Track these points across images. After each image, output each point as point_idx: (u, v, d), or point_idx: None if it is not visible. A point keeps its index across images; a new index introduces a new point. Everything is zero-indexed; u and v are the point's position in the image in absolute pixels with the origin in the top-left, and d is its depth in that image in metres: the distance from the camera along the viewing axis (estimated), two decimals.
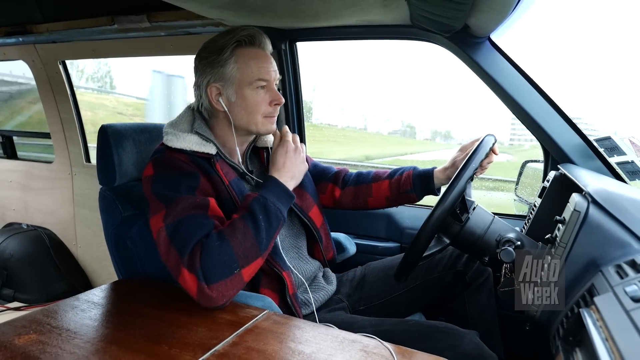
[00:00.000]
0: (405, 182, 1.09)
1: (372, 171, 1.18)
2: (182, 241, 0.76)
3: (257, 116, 0.93)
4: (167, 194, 0.83)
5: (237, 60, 0.91)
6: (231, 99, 0.92)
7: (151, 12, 1.47)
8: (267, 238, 0.82)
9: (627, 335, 0.47)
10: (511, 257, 0.80)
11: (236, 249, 0.77)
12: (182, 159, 0.88)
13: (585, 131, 1.14)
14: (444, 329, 0.83)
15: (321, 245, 1.08)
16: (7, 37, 1.85)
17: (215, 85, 0.92)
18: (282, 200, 0.87)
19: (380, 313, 1.07)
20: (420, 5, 0.96)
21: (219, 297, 0.75)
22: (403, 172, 1.11)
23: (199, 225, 0.78)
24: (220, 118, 0.96)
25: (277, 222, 0.85)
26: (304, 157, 0.97)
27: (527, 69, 1.16)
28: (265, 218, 0.82)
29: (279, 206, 0.85)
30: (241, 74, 0.91)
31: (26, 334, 0.69)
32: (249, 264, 0.79)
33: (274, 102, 0.94)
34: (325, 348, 0.66)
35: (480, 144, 0.92)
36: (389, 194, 1.12)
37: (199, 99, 0.96)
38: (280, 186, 0.89)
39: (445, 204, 0.84)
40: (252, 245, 0.79)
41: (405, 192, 1.09)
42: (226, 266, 0.76)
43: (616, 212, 0.71)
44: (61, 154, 2.13)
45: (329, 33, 1.39)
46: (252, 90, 0.92)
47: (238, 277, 0.78)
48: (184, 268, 0.75)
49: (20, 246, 2.09)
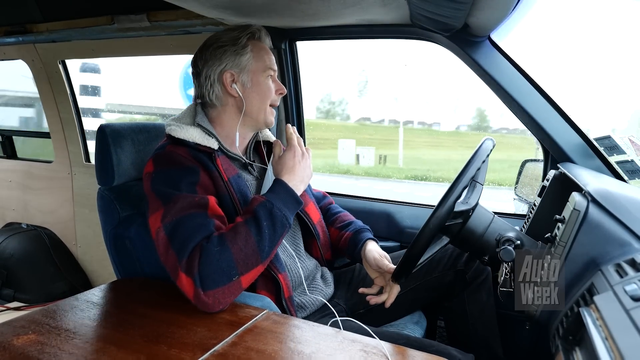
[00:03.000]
0: (344, 241, 1.11)
1: (338, 214, 1.20)
2: (180, 243, 0.76)
3: (267, 102, 0.99)
4: (165, 191, 0.82)
5: (252, 50, 0.97)
6: (247, 85, 0.97)
7: (151, 12, 1.47)
8: (270, 245, 0.80)
9: (627, 334, 0.47)
10: (511, 256, 0.80)
11: (236, 255, 0.76)
12: (183, 154, 0.88)
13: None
14: (436, 352, 0.76)
15: (319, 242, 1.08)
16: (7, 36, 1.85)
17: (231, 72, 0.96)
18: (289, 206, 0.85)
19: (381, 315, 1.06)
20: (420, 4, 0.96)
21: (215, 304, 0.74)
22: (348, 230, 1.12)
23: (198, 226, 0.78)
24: (229, 105, 0.98)
25: (282, 229, 0.83)
26: (310, 162, 0.97)
27: (527, 68, 1.16)
28: (269, 224, 0.80)
29: (285, 212, 0.83)
30: (256, 62, 0.97)
31: (25, 334, 0.69)
32: (249, 271, 0.78)
33: (279, 92, 1.01)
34: (325, 348, 0.66)
35: (479, 148, 0.91)
36: (334, 241, 1.15)
37: (208, 88, 0.97)
38: (289, 191, 0.87)
39: (444, 206, 0.84)
40: (254, 252, 0.78)
41: (342, 250, 1.12)
42: (224, 273, 0.75)
43: (616, 211, 0.71)
44: (61, 153, 2.13)
45: (329, 32, 1.39)
46: (265, 78, 0.98)
47: (236, 284, 0.76)
48: (181, 272, 0.74)
49: (20, 246, 2.08)
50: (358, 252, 1.06)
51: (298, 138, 0.96)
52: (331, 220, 1.19)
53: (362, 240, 1.08)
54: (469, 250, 0.99)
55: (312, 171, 0.97)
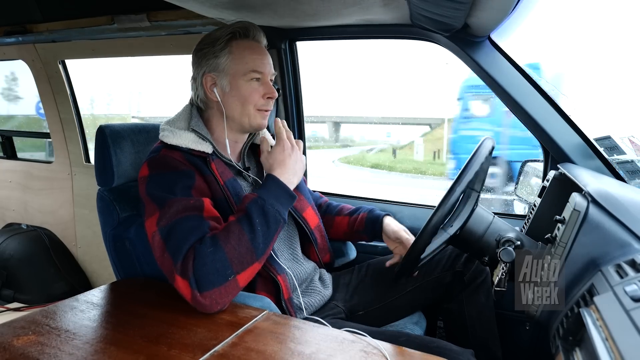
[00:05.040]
0: (360, 223, 1.14)
1: (340, 205, 1.23)
2: (175, 246, 0.75)
3: (249, 107, 0.94)
4: (160, 195, 0.81)
5: (231, 52, 0.93)
6: (225, 90, 0.94)
7: (151, 12, 1.47)
8: (265, 242, 0.79)
9: (627, 335, 0.47)
10: (511, 256, 0.80)
11: (230, 254, 0.75)
12: (178, 158, 0.88)
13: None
14: (437, 348, 0.79)
15: (316, 246, 1.07)
16: (7, 36, 1.85)
17: (210, 75, 0.94)
18: (281, 201, 0.84)
19: (380, 316, 1.06)
20: (420, 4, 0.96)
21: (213, 304, 0.74)
22: (360, 212, 1.16)
23: (192, 228, 0.77)
24: (214, 110, 0.97)
25: (276, 225, 0.82)
26: (302, 154, 0.96)
27: (527, 68, 1.16)
28: (262, 221, 0.79)
29: (278, 208, 0.82)
30: (235, 65, 0.92)
31: (25, 335, 0.69)
32: (245, 269, 0.77)
33: (267, 95, 0.95)
34: (325, 348, 0.66)
35: (478, 147, 0.91)
36: (347, 230, 1.17)
37: (196, 92, 0.97)
38: (281, 186, 0.86)
39: (444, 207, 0.84)
40: (248, 250, 0.77)
41: (358, 232, 1.15)
42: (219, 273, 0.74)
43: (616, 212, 0.71)
44: (61, 154, 2.13)
45: (329, 32, 1.39)
46: (245, 81, 0.93)
47: (233, 283, 0.76)
48: (177, 274, 0.74)
49: (20, 247, 2.08)
50: (379, 227, 1.11)
51: (287, 131, 0.94)
52: (336, 210, 1.20)
53: (379, 216, 1.13)
54: (469, 251, 0.99)
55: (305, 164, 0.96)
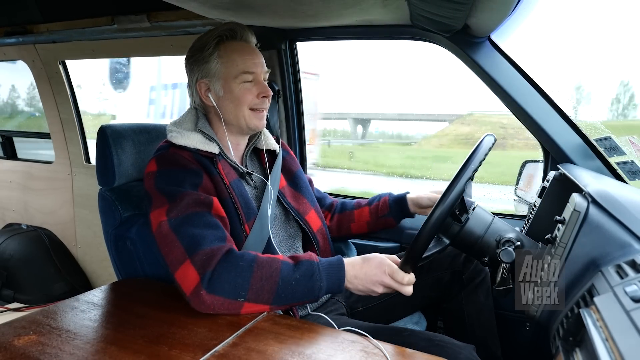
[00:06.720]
0: (383, 207, 1.19)
1: (354, 200, 1.27)
2: (190, 238, 0.76)
3: (244, 108, 0.94)
4: (170, 189, 0.82)
5: (220, 55, 0.93)
6: (219, 94, 0.94)
7: (151, 12, 1.47)
8: (286, 298, 0.77)
9: (627, 335, 0.47)
10: (511, 257, 0.80)
11: (254, 281, 0.75)
12: (186, 157, 0.89)
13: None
14: (440, 342, 0.79)
15: (318, 249, 1.07)
16: (7, 37, 1.85)
17: (204, 81, 0.95)
18: (330, 283, 0.79)
19: (379, 314, 1.06)
20: (420, 5, 0.96)
21: (210, 307, 0.74)
22: (380, 198, 1.21)
23: (208, 224, 0.79)
24: (212, 114, 0.98)
25: (308, 295, 0.78)
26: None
27: (527, 68, 1.16)
28: (301, 281, 0.77)
29: (322, 285, 0.78)
30: (226, 68, 0.93)
31: (26, 335, 0.69)
32: (255, 302, 0.75)
33: (261, 95, 0.95)
34: (325, 348, 0.66)
35: (480, 143, 0.91)
36: (369, 219, 1.20)
37: (192, 97, 0.99)
38: (342, 276, 0.80)
39: (444, 204, 0.84)
40: (269, 291, 0.75)
41: (383, 216, 1.19)
42: (235, 288, 0.74)
43: (616, 212, 0.71)
44: (61, 154, 2.13)
45: (329, 33, 1.40)
46: (238, 83, 0.93)
47: (237, 305, 0.75)
48: (191, 264, 0.74)
49: (20, 247, 2.09)
50: (405, 203, 1.16)
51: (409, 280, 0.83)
52: (353, 205, 1.24)
53: (402, 195, 1.17)
54: (469, 252, 0.99)
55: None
